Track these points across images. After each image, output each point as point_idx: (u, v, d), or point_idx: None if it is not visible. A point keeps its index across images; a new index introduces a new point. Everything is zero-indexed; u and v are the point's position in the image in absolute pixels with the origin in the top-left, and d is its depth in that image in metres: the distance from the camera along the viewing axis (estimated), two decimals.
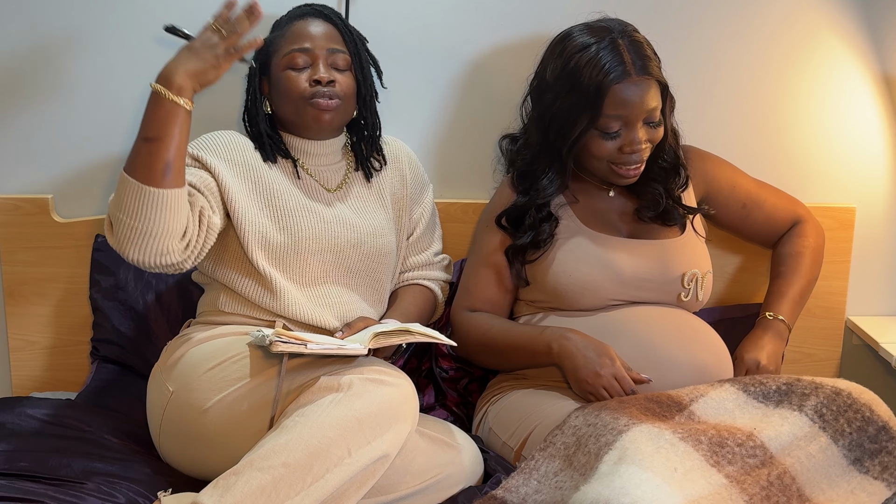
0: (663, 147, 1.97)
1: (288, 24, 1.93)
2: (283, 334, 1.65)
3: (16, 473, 1.63)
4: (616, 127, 1.88)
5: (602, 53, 1.86)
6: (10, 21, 2.08)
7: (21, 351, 2.18)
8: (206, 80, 1.72)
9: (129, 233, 1.68)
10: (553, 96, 1.91)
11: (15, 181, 2.15)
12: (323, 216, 1.91)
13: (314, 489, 1.51)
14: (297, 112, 1.90)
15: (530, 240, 1.95)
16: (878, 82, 2.26)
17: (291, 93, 1.88)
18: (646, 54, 1.88)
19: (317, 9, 1.94)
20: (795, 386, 1.75)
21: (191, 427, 1.71)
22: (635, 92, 1.85)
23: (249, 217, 1.85)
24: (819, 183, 2.31)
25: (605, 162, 1.92)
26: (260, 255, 1.85)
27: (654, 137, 1.92)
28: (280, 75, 1.90)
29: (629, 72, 1.85)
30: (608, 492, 1.45)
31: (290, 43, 1.89)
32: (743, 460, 1.57)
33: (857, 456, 1.66)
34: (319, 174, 1.97)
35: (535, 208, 1.96)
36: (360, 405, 1.57)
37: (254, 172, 1.89)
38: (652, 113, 1.89)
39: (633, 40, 1.88)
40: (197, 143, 1.90)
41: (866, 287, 2.36)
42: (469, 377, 2.12)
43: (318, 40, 1.89)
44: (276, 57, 1.91)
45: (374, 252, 1.95)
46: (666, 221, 1.98)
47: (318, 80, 1.87)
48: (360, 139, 2.01)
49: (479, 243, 2.04)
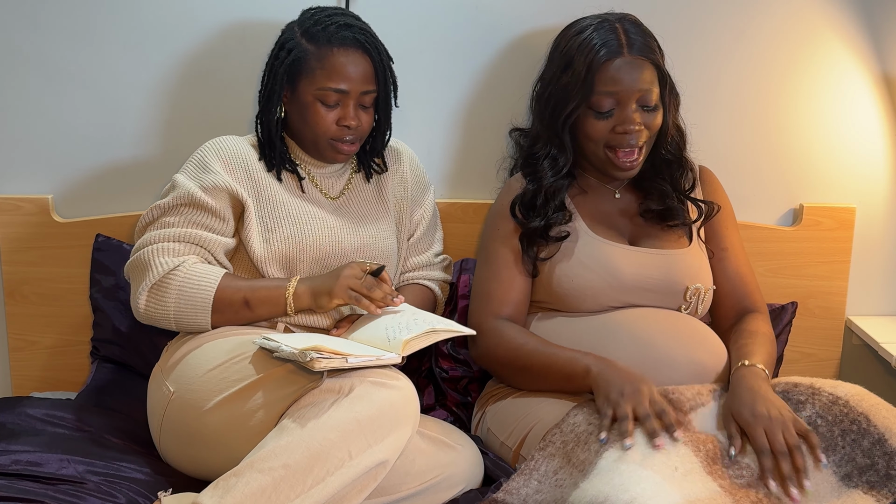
0: (665, 139, 1.97)
1: (328, 45, 1.85)
2: (322, 349, 1.60)
3: (16, 473, 1.63)
4: (608, 105, 1.88)
5: (598, 33, 1.89)
6: (10, 21, 2.08)
7: (21, 351, 2.18)
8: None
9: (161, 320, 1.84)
10: (550, 77, 1.95)
11: (15, 181, 2.15)
12: (326, 222, 1.91)
13: (314, 492, 1.51)
14: (317, 144, 1.90)
15: (543, 223, 1.93)
16: (878, 82, 2.26)
17: (317, 127, 1.87)
18: (644, 38, 1.89)
19: (359, 39, 1.86)
20: (791, 393, 1.74)
21: (191, 427, 1.71)
22: (627, 69, 1.86)
23: (254, 229, 1.86)
24: (819, 183, 2.31)
25: (601, 147, 1.92)
26: (264, 262, 1.87)
27: (650, 123, 1.91)
28: (308, 102, 1.86)
29: (621, 50, 1.86)
30: (608, 488, 1.44)
31: (327, 77, 1.84)
32: (731, 480, 1.57)
33: (847, 472, 1.63)
34: (323, 181, 1.97)
35: (546, 193, 1.95)
36: (361, 407, 1.57)
37: (258, 184, 1.89)
38: (646, 94, 1.88)
39: (633, 24, 1.91)
40: (198, 167, 1.87)
41: (866, 287, 2.35)
42: (469, 377, 2.12)
43: (355, 83, 1.85)
44: (308, 80, 1.85)
45: (377, 254, 1.95)
46: (669, 220, 1.97)
47: (347, 126, 1.87)
48: (371, 141, 2.00)
49: (490, 247, 2.00)
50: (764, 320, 1.96)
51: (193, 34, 2.12)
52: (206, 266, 1.82)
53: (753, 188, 2.28)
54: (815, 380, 1.77)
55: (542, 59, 2.03)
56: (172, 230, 1.83)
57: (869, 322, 2.32)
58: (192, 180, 1.86)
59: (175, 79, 2.14)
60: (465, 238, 2.23)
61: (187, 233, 1.83)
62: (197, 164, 1.89)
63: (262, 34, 2.02)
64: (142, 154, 2.17)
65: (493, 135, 2.22)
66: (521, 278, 1.96)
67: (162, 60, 2.13)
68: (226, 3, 2.11)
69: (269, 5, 2.11)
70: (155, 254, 1.81)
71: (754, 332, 1.90)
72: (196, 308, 1.79)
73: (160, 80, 2.14)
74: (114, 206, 2.18)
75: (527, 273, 1.96)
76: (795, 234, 2.29)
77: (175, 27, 2.11)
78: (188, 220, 1.84)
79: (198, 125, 2.15)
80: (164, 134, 2.16)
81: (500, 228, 1.99)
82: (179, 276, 1.79)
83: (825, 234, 2.28)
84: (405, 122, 2.15)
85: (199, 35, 2.12)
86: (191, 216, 1.84)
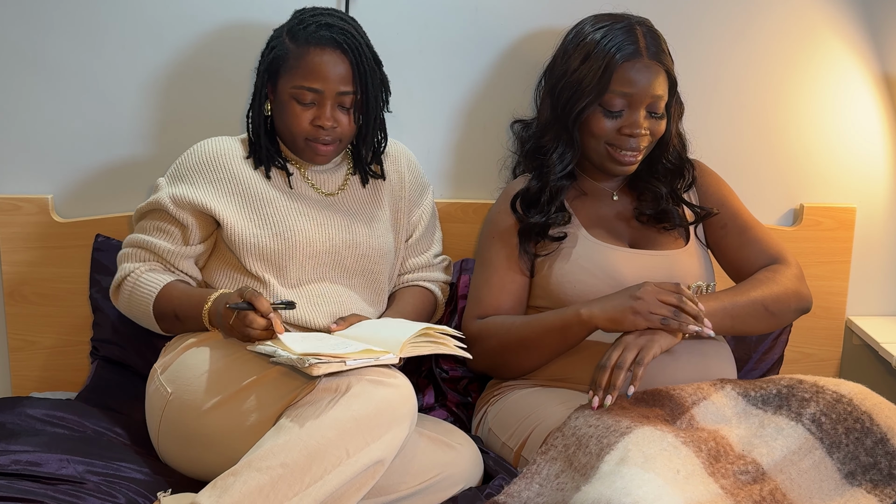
0: (668, 148, 1.97)
1: (305, 45, 1.84)
2: (319, 354, 1.61)
3: (16, 473, 1.63)
4: (619, 106, 1.89)
5: (617, 33, 1.89)
6: (10, 21, 2.08)
7: (21, 351, 2.18)
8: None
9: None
10: (564, 69, 1.94)
11: (15, 181, 2.15)
12: (316, 219, 1.91)
13: (313, 490, 1.51)
14: (294, 143, 1.91)
15: (543, 220, 1.94)
16: (878, 82, 2.26)
17: (292, 126, 1.87)
18: (660, 45, 1.90)
19: (337, 39, 1.84)
20: (797, 389, 1.73)
21: (189, 428, 1.71)
22: (644, 73, 1.87)
23: (239, 229, 1.87)
24: (819, 183, 2.31)
25: (602, 144, 1.92)
26: (254, 261, 1.87)
27: (655, 129, 1.92)
28: (284, 100, 1.87)
29: (641, 53, 1.87)
30: (609, 492, 1.44)
31: (302, 76, 1.84)
32: (735, 476, 1.56)
33: (850, 469, 1.63)
34: (315, 177, 1.97)
35: (550, 191, 1.95)
36: (358, 406, 1.57)
37: (242, 185, 1.90)
38: (657, 101, 1.89)
39: (650, 29, 1.92)
40: (177, 176, 1.91)
41: (866, 287, 2.35)
42: (469, 377, 2.12)
43: (330, 82, 1.84)
44: (286, 78, 1.85)
45: (371, 252, 1.95)
46: (665, 222, 1.97)
47: (321, 126, 1.86)
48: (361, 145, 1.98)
49: (486, 254, 2.01)
50: (771, 268, 1.94)
51: (193, 34, 2.13)
52: (154, 275, 1.88)
53: (753, 188, 2.28)
54: (818, 378, 1.77)
55: (550, 53, 2.01)
56: (138, 236, 1.91)
57: (869, 322, 2.32)
58: (168, 187, 1.90)
59: (175, 79, 2.14)
60: (465, 238, 2.23)
61: (148, 241, 1.89)
62: (175, 170, 1.92)
63: (260, 34, 2.01)
64: (141, 154, 2.17)
65: (493, 135, 2.22)
66: (516, 283, 1.96)
67: (161, 60, 2.13)
68: (224, 3, 2.12)
69: (265, 5, 2.11)
70: (123, 257, 1.92)
71: (760, 277, 1.91)
72: (143, 314, 1.88)
73: (160, 80, 2.14)
74: (113, 206, 2.18)
75: (523, 274, 1.96)
76: (795, 234, 2.29)
77: (174, 27, 2.11)
78: (154, 228, 1.91)
79: (197, 125, 2.15)
80: (164, 134, 2.17)
81: (497, 230, 1.99)
82: (130, 282, 1.89)
83: (825, 234, 2.28)
84: (404, 122, 2.15)
85: (199, 35, 2.13)
86: (157, 224, 1.90)
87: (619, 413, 1.66)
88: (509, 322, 1.91)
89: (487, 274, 1.98)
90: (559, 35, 2.00)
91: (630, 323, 1.75)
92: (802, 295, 1.94)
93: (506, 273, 1.96)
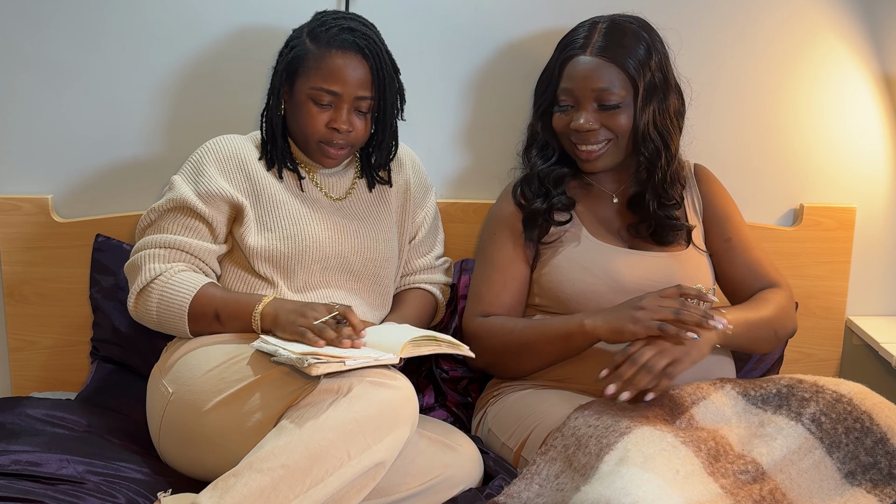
0: (642, 139, 1.93)
1: (327, 47, 1.84)
2: (319, 354, 1.61)
3: (16, 473, 1.63)
4: (566, 101, 1.93)
5: (579, 29, 1.94)
6: (10, 20, 2.08)
7: (21, 351, 2.18)
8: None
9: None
10: (543, 69, 2.00)
11: (15, 181, 2.15)
12: (326, 223, 1.91)
13: (313, 492, 1.51)
14: (307, 144, 1.90)
15: (546, 206, 1.95)
16: (878, 82, 2.26)
17: (307, 127, 1.87)
18: (618, 40, 1.89)
19: (360, 43, 1.84)
20: (797, 388, 1.73)
21: (190, 428, 1.71)
22: (583, 69, 1.89)
23: (251, 231, 1.86)
24: (819, 183, 2.31)
25: (566, 139, 1.96)
26: (262, 262, 1.87)
27: (611, 123, 1.91)
28: (301, 101, 1.86)
29: (585, 48, 1.90)
30: (609, 492, 1.44)
31: (321, 77, 1.83)
32: (735, 476, 1.57)
33: (850, 469, 1.63)
34: (324, 182, 1.97)
35: (544, 178, 1.97)
36: (359, 407, 1.57)
37: (257, 184, 1.89)
38: (602, 94, 1.89)
39: (613, 25, 1.92)
40: (196, 172, 1.88)
41: (866, 287, 2.35)
42: (469, 378, 2.12)
43: (349, 86, 1.84)
44: (304, 78, 1.85)
45: (378, 257, 1.95)
46: (659, 240, 1.97)
47: (337, 129, 1.86)
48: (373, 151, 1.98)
49: (487, 251, 2.02)
50: (774, 291, 1.97)
51: (193, 34, 2.12)
52: (188, 274, 1.83)
53: (753, 188, 2.28)
54: (818, 377, 1.77)
55: (544, 59, 2.02)
56: (164, 236, 1.85)
57: (869, 322, 2.32)
58: (188, 184, 1.87)
59: (175, 79, 2.14)
60: (466, 238, 2.23)
61: (178, 240, 1.84)
62: (193, 167, 1.89)
63: (262, 36, 2.02)
64: (141, 154, 2.17)
65: (493, 135, 2.22)
66: (517, 279, 1.97)
67: (161, 60, 2.13)
68: (225, 5, 2.12)
69: (268, 8, 2.11)
70: (146, 259, 1.84)
71: (763, 299, 1.93)
72: (174, 315, 1.81)
73: (160, 80, 2.14)
74: (114, 207, 2.18)
75: (525, 263, 1.97)
76: (795, 234, 2.29)
77: (174, 28, 2.11)
78: (181, 226, 1.85)
79: (197, 125, 2.15)
80: (164, 134, 2.17)
81: (500, 219, 2.01)
82: (161, 283, 1.81)
83: (825, 234, 2.28)
84: (405, 122, 2.15)
85: (199, 35, 2.13)
86: (184, 221, 1.86)
87: (618, 413, 1.66)
88: (511, 324, 1.91)
89: (488, 271, 1.99)
90: (559, 35, 2.00)
91: (629, 332, 1.74)
92: (794, 321, 2.01)
93: (507, 269, 1.97)
